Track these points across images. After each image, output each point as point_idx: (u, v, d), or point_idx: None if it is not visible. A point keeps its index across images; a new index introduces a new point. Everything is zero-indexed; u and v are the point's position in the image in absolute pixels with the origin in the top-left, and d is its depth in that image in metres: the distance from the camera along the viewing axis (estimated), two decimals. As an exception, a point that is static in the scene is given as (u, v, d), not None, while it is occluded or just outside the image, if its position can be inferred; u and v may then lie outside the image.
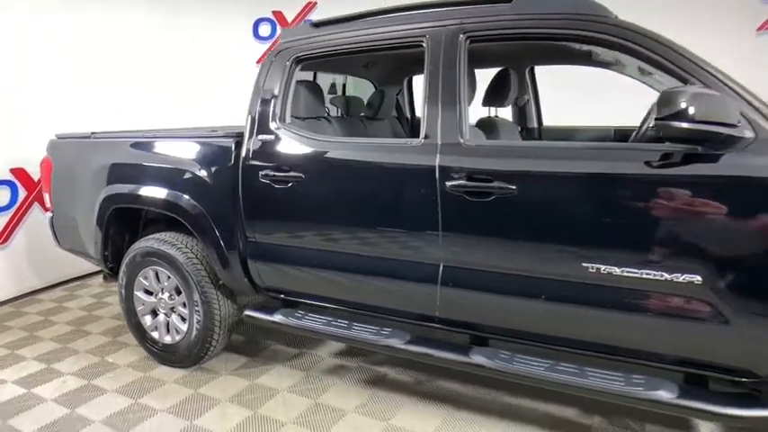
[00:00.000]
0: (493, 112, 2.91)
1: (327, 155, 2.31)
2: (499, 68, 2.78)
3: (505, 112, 3.40)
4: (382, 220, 2.18)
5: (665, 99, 1.50)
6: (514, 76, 2.79)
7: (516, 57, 2.91)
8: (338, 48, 2.39)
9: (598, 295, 1.79)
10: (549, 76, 3.40)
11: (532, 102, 3.40)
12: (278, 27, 6.05)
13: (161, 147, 2.80)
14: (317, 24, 2.49)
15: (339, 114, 3.38)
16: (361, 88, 3.80)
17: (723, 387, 1.79)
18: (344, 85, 3.63)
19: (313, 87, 2.80)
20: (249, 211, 2.50)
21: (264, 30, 6.05)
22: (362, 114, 3.49)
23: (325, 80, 3.61)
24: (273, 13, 6.07)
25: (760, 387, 1.68)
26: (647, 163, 1.66)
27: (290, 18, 6.16)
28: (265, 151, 2.43)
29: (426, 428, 2.31)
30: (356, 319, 2.43)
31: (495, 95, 2.77)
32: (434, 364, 2.26)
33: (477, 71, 2.68)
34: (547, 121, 3.48)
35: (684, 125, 1.48)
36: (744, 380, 1.69)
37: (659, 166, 1.65)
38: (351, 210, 2.26)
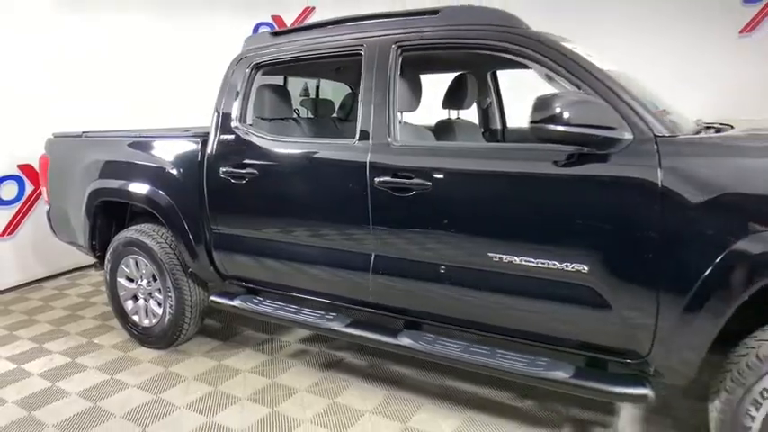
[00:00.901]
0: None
1: (278, 153, 2.53)
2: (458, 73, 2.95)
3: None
4: (324, 213, 2.39)
5: (540, 104, 1.66)
6: (472, 79, 2.96)
7: (467, 63, 3.07)
8: (292, 55, 2.60)
9: (502, 282, 1.96)
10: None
11: (495, 104, 3.56)
12: (276, 31, 6.30)
13: (138, 145, 3.06)
14: (276, 33, 2.71)
15: (309, 116, 3.59)
16: (341, 92, 4.01)
17: (619, 369, 1.94)
18: (317, 88, 3.84)
19: (279, 90, 3.01)
20: (212, 206, 2.73)
21: (264, 34, 6.31)
22: (335, 116, 3.70)
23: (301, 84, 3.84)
24: (273, 17, 6.32)
25: (643, 367, 1.83)
26: (541, 162, 1.83)
27: (289, 22, 6.40)
28: (226, 150, 2.66)
29: (367, 406, 2.51)
30: (307, 304, 2.64)
31: (453, 98, 2.94)
32: (374, 347, 2.45)
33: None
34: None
35: (559, 128, 1.64)
36: (629, 361, 1.84)
37: (550, 166, 1.81)
38: (297, 204, 2.47)
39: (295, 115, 3.34)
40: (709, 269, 1.57)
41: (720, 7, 5.01)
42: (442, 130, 3.17)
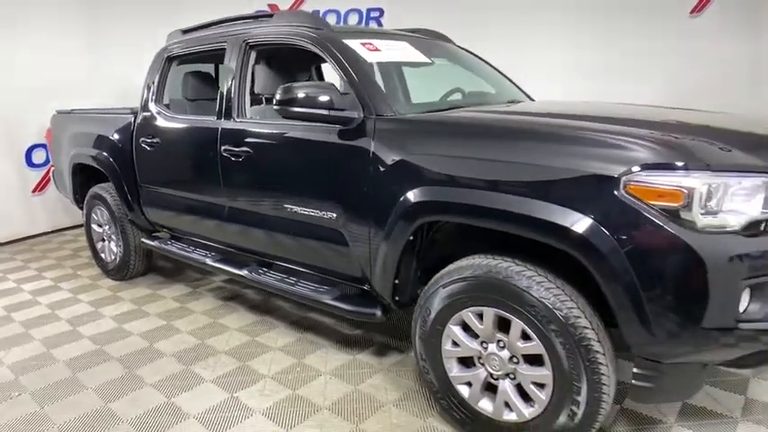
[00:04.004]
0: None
1: (170, 127, 3.26)
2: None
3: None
4: (197, 173, 3.10)
5: (284, 90, 2.22)
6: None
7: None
8: (190, 50, 3.30)
9: (295, 227, 2.56)
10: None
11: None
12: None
13: (97, 119, 3.92)
14: (185, 31, 3.41)
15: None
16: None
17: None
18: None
19: (200, 76, 3.71)
20: (138, 168, 3.53)
21: (263, 22, 7.02)
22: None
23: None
24: (269, 5, 7.02)
25: (373, 291, 2.37)
26: (309, 133, 2.40)
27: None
28: (144, 123, 3.44)
29: (239, 324, 3.23)
30: (201, 246, 3.38)
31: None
32: (232, 278, 3.16)
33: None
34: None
35: (295, 109, 2.20)
36: (367, 288, 2.40)
37: (312, 137, 2.38)
38: (181, 166, 3.20)
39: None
40: (394, 211, 2.09)
41: (671, -13, 5.06)
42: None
